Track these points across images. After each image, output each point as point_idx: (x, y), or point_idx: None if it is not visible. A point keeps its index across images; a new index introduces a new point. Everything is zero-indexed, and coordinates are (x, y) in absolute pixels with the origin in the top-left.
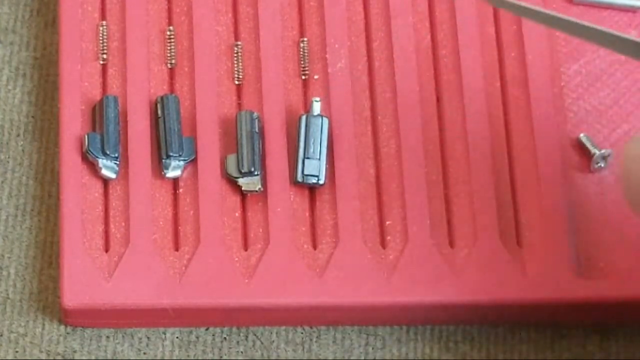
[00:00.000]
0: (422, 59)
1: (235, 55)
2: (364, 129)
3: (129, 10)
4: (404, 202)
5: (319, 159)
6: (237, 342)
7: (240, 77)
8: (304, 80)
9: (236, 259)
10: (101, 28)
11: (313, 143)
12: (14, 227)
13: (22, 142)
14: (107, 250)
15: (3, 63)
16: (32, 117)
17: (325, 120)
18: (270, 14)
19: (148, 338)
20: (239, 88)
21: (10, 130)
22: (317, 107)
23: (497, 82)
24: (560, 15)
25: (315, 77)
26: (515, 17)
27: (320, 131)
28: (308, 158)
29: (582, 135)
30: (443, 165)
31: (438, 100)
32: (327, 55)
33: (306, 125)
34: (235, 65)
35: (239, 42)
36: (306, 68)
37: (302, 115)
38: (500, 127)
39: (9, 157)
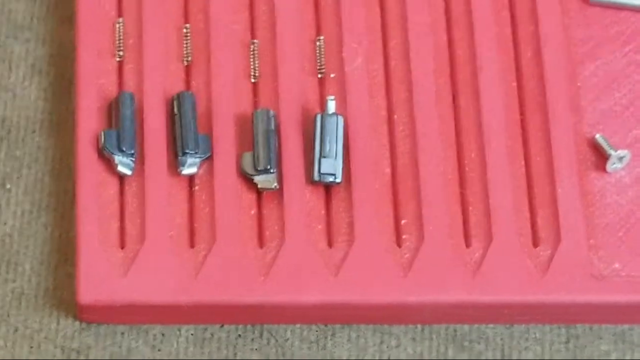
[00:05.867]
0: (439, 58)
1: (252, 52)
2: (380, 128)
3: (145, 7)
4: (420, 201)
5: (336, 158)
6: (252, 339)
7: (257, 74)
8: (320, 78)
9: (252, 256)
10: (118, 25)
11: (329, 142)
12: (30, 224)
13: (38, 139)
14: (122, 247)
15: (19, 60)
16: (49, 113)
17: (341, 119)
18: (286, 11)
19: (163, 335)
20: (255, 86)
21: (27, 126)
22: (332, 106)
23: (513, 82)
24: None
25: (332, 75)
26: (533, 17)
27: (335, 130)
28: (324, 157)
29: (598, 135)
30: (459, 164)
31: (454, 99)
32: (343, 54)
33: (321, 124)
34: (252, 63)
35: (255, 40)
36: (322, 66)
37: (318, 114)
38: (517, 127)
39: (25, 154)
